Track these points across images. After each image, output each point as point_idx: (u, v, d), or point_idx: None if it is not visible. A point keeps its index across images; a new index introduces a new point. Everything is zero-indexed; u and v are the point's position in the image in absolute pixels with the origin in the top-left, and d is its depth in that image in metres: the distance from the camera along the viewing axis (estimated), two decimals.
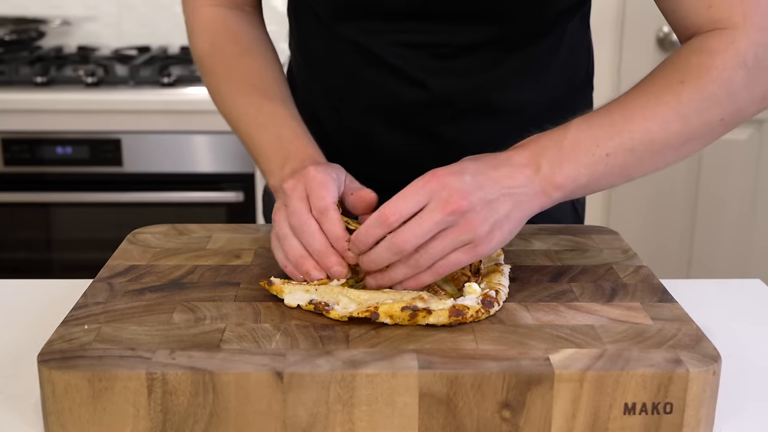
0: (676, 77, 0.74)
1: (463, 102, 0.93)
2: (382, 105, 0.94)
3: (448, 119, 0.94)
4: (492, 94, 0.93)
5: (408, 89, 0.92)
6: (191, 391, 0.62)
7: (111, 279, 0.79)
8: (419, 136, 0.95)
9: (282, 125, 0.86)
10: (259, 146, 0.87)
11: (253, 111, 0.88)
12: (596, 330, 0.68)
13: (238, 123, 0.90)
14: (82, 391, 0.62)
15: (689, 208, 2.30)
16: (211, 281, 0.78)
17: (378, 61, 0.92)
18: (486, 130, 0.94)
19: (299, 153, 0.83)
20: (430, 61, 0.91)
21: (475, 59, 0.91)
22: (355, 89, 0.95)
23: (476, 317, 0.69)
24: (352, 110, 0.97)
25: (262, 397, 0.62)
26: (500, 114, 0.94)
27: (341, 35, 0.93)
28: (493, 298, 0.71)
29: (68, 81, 2.04)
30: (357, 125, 0.97)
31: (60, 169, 1.98)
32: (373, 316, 0.69)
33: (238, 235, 0.90)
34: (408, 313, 0.68)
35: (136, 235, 0.90)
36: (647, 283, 0.79)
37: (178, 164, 1.95)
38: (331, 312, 0.70)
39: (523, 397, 0.62)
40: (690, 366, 0.63)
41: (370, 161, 0.95)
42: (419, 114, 0.94)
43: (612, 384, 0.62)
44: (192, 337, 0.67)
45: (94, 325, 0.69)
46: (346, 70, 0.95)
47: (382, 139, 0.96)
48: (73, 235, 2.09)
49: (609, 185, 0.75)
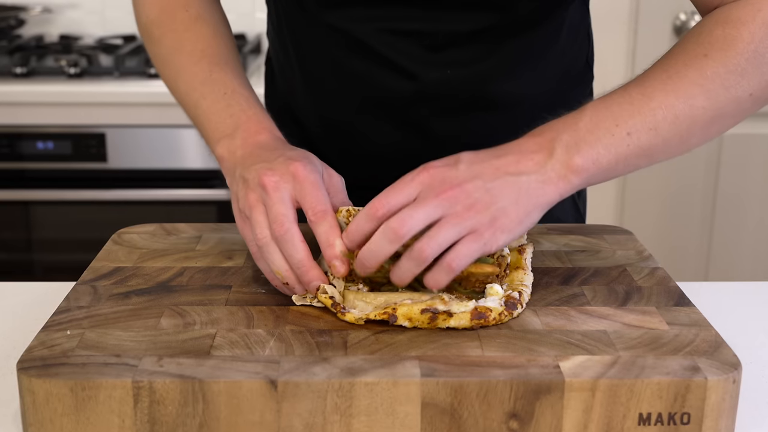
0: (699, 51, 0.73)
1: (457, 94, 0.93)
2: (371, 97, 0.94)
3: (441, 113, 0.94)
4: (487, 85, 0.93)
5: (398, 80, 0.92)
6: (180, 401, 0.62)
7: (95, 282, 0.79)
8: (410, 130, 0.95)
9: (233, 92, 0.85)
10: (206, 112, 0.85)
11: (201, 77, 0.87)
12: (609, 336, 0.68)
13: (184, 91, 0.88)
14: (64, 401, 0.62)
15: (708, 207, 2.30)
16: (201, 284, 0.78)
17: (366, 51, 0.92)
18: (482, 124, 0.94)
19: (251, 122, 0.82)
20: (420, 50, 0.90)
21: (468, 48, 0.91)
22: (341, 81, 0.95)
23: (499, 320, 0.70)
24: (337, 103, 0.97)
25: (255, 407, 0.62)
26: (496, 107, 0.94)
27: (327, 24, 0.92)
28: (516, 300, 0.71)
29: (49, 72, 2.04)
30: (341, 118, 0.97)
31: (41, 165, 1.99)
32: (391, 318, 0.69)
33: (230, 235, 0.90)
34: (428, 315, 0.68)
35: (121, 235, 0.90)
36: (663, 286, 0.79)
37: (166, 160, 1.95)
38: (347, 315, 0.70)
39: (531, 407, 0.62)
40: (708, 374, 0.63)
41: (354, 158, 0.94)
42: (410, 107, 0.93)
43: (626, 393, 0.62)
44: (181, 343, 0.67)
45: (77, 330, 0.69)
46: (333, 60, 0.95)
47: (369, 134, 0.96)
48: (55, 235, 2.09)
49: (633, 168, 0.73)
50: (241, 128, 0.82)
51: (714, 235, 2.31)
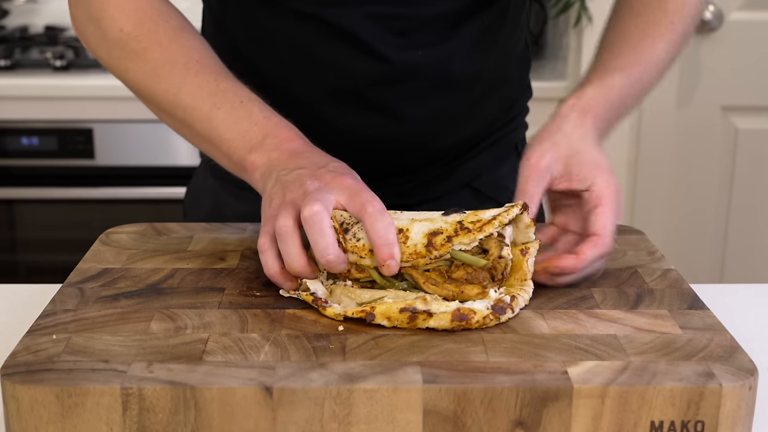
0: (667, 19, 0.93)
1: (425, 76, 0.96)
2: (337, 84, 0.96)
3: (409, 95, 0.96)
4: (451, 66, 0.97)
5: (369, 64, 0.94)
6: (171, 408, 0.62)
7: (82, 284, 0.79)
8: (377, 114, 0.97)
9: (249, 100, 0.85)
10: (224, 123, 0.84)
11: (208, 88, 0.86)
12: (619, 340, 0.68)
13: (190, 105, 0.86)
14: (49, 408, 0.62)
15: (723, 205, 2.30)
16: (193, 286, 0.78)
17: (337, 35, 0.93)
18: (445, 105, 0.99)
19: (280, 130, 0.82)
20: (390, 35, 0.93)
21: (432, 31, 0.94)
22: (304, 69, 0.96)
23: (483, 323, 0.69)
24: (299, 93, 0.97)
25: (249, 415, 0.62)
26: (459, 87, 0.99)
27: (295, 10, 0.93)
28: (506, 304, 0.71)
29: (34, 64, 2.04)
30: (306, 103, 0.97)
31: (25, 162, 1.99)
32: (368, 317, 0.69)
33: (223, 235, 0.90)
34: (407, 315, 0.69)
35: (109, 235, 0.90)
36: (676, 288, 0.79)
37: (157, 156, 1.95)
38: (327, 309, 0.71)
39: (538, 415, 0.62)
40: (723, 380, 0.63)
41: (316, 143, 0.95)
42: (379, 91, 0.96)
43: (637, 400, 0.62)
44: (172, 348, 0.67)
45: (63, 334, 0.69)
46: (294, 49, 0.95)
47: (335, 121, 0.97)
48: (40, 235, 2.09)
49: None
50: (271, 135, 0.82)
51: (729, 234, 2.31)
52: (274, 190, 0.77)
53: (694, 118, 2.24)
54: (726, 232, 2.31)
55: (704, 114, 2.24)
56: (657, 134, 2.23)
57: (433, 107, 0.98)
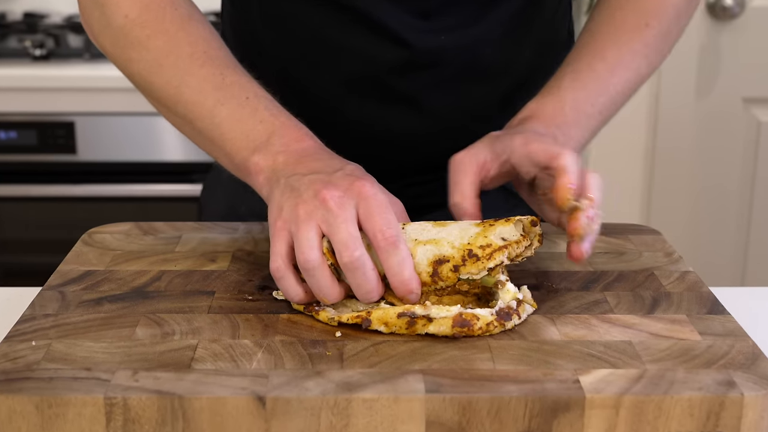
0: (641, 21, 0.93)
1: (449, 62, 0.96)
2: (354, 71, 0.95)
3: (433, 84, 0.96)
4: (477, 53, 0.97)
5: (391, 50, 0.94)
6: (157, 419, 0.62)
7: (63, 287, 0.79)
8: (398, 105, 0.97)
9: (255, 96, 0.84)
10: (228, 120, 0.83)
11: (213, 82, 0.85)
12: (635, 347, 0.68)
13: (192, 99, 0.85)
14: (28, 419, 0.62)
15: (745, 203, 2.30)
16: (181, 290, 0.78)
17: (352, 18, 0.93)
18: (472, 95, 0.99)
19: (288, 129, 0.81)
20: (411, 17, 0.93)
21: (458, 13, 0.94)
22: (319, 56, 0.96)
23: (487, 330, 0.69)
24: (314, 84, 0.97)
25: (241, 426, 0.62)
26: (486, 77, 0.98)
27: None
28: (512, 310, 0.71)
29: (12, 54, 2.04)
30: (323, 96, 0.97)
31: (3, 158, 1.99)
32: (364, 322, 0.69)
33: (213, 235, 0.90)
34: (405, 320, 0.69)
35: (92, 235, 0.90)
36: (695, 291, 0.79)
37: (142, 151, 1.95)
38: (321, 313, 0.71)
39: (548, 426, 0.62)
40: (745, 389, 0.63)
41: (340, 141, 0.94)
42: (399, 79, 0.96)
43: (653, 411, 0.62)
44: (158, 355, 0.67)
45: (43, 341, 0.69)
46: (310, 34, 0.95)
47: (352, 113, 0.97)
48: (19, 235, 2.10)
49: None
50: (277, 134, 0.80)
51: (751, 235, 2.31)
52: (284, 198, 0.75)
53: (713, 110, 2.24)
54: (748, 232, 2.31)
55: (725, 106, 2.24)
56: (675, 127, 2.23)
57: (458, 98, 0.97)
